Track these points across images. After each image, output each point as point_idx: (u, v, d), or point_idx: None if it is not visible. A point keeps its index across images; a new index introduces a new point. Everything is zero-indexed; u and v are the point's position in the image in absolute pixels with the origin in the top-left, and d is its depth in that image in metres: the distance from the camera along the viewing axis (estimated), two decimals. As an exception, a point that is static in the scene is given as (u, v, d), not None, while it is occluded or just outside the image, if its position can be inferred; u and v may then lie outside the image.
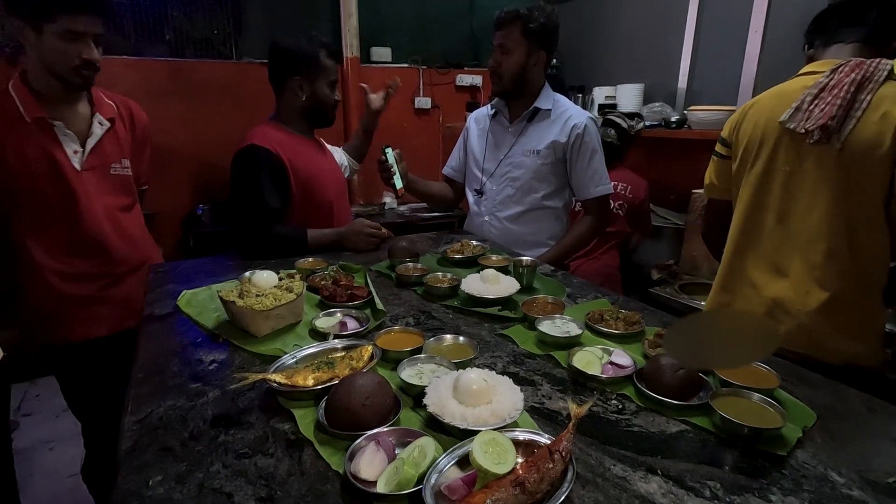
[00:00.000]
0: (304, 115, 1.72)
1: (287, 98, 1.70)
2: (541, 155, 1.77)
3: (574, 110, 1.80)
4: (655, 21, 3.12)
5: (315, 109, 1.71)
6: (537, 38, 1.69)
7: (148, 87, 3.18)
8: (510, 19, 1.69)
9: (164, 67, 3.22)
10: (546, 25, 1.69)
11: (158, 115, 3.25)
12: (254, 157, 1.57)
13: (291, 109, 1.71)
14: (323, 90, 1.68)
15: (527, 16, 1.67)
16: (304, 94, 1.67)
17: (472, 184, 1.95)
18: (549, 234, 1.85)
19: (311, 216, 1.70)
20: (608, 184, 1.80)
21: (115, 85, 3.11)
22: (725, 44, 2.71)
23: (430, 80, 3.79)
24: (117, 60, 3.11)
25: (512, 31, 1.70)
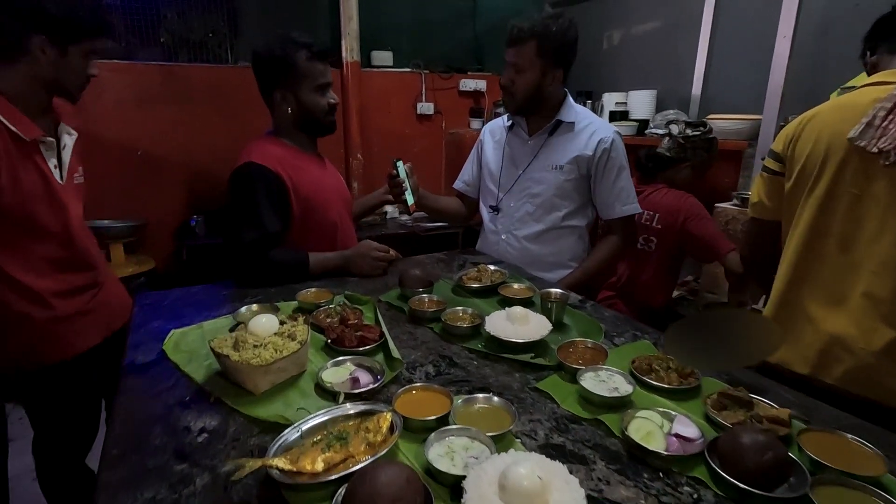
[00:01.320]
0: (299, 127, 1.57)
1: (278, 112, 1.55)
2: (564, 170, 1.62)
3: (599, 123, 1.65)
4: (667, 24, 2.98)
5: (307, 119, 1.55)
6: (554, 55, 1.54)
7: (139, 92, 3.02)
8: (524, 38, 1.54)
9: (156, 72, 3.05)
10: (563, 42, 1.54)
11: (151, 121, 3.09)
12: (251, 176, 1.42)
13: (285, 123, 1.56)
14: (309, 97, 1.51)
15: (542, 34, 1.52)
16: (289, 105, 1.51)
17: (488, 200, 1.80)
18: (570, 254, 1.70)
19: (313, 237, 1.55)
20: (635, 202, 1.65)
21: (104, 91, 2.95)
22: (747, 48, 2.57)
23: (433, 85, 3.64)
24: (106, 65, 2.93)
25: (525, 50, 1.55)
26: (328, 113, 1.57)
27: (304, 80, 1.50)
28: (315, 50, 1.50)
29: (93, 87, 2.74)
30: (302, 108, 1.52)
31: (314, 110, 1.53)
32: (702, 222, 1.90)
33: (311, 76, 1.50)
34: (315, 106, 1.53)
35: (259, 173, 1.43)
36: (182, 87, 3.12)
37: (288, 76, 1.49)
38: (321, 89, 1.53)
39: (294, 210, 1.49)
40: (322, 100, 1.54)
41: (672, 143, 1.92)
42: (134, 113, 3.04)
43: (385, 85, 3.50)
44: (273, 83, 1.51)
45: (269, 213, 1.42)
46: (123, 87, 3.00)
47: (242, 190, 1.43)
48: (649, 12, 3.07)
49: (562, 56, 1.55)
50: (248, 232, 1.40)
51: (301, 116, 1.53)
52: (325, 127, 1.59)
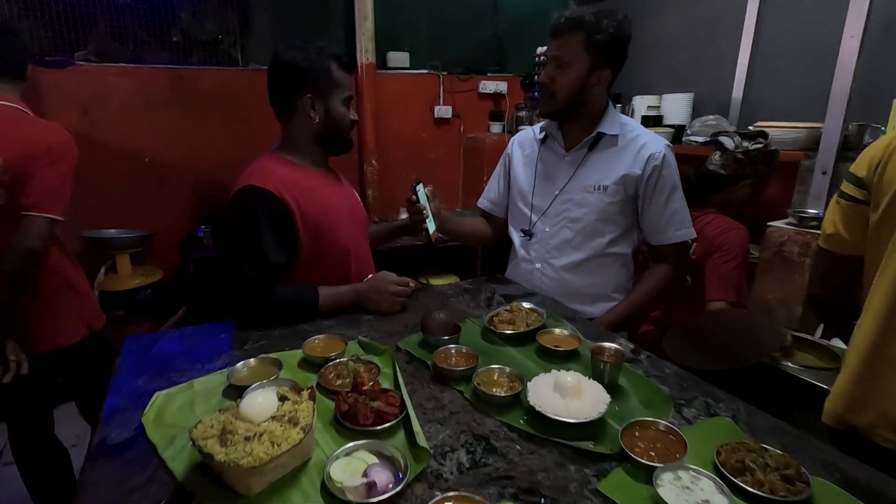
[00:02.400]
0: (318, 141, 1.40)
1: (297, 121, 1.36)
2: (608, 191, 1.41)
3: (648, 136, 1.43)
4: (705, 20, 2.74)
5: (331, 132, 1.39)
6: (604, 52, 1.33)
7: (146, 96, 2.86)
8: (571, 27, 1.32)
9: (163, 75, 2.89)
10: (617, 38, 1.32)
11: (158, 127, 2.93)
12: (252, 202, 1.24)
13: (302, 135, 1.38)
14: (339, 108, 1.37)
15: (593, 24, 1.30)
16: (317, 114, 1.34)
17: (518, 222, 1.59)
18: (614, 285, 1.49)
19: (324, 266, 1.36)
20: (689, 227, 1.44)
21: (109, 95, 2.80)
22: (799, 48, 2.32)
23: (451, 87, 3.43)
24: (112, 69, 2.78)
25: (572, 42, 1.33)
26: (350, 128, 1.43)
27: (335, 90, 1.36)
28: (344, 61, 1.39)
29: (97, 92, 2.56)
30: (330, 119, 1.37)
31: (341, 123, 1.39)
32: (724, 261, 1.64)
33: (343, 86, 1.38)
34: (343, 118, 1.39)
35: (260, 198, 1.24)
36: (191, 91, 2.95)
37: (321, 83, 1.34)
38: (347, 101, 1.40)
39: (301, 238, 1.30)
40: (347, 113, 1.40)
41: (727, 159, 1.68)
42: (140, 118, 2.88)
43: (401, 87, 3.29)
44: (299, 88, 1.34)
45: (273, 243, 1.24)
46: (130, 91, 2.84)
47: (241, 218, 1.25)
48: (684, 8, 2.82)
49: (612, 54, 1.34)
50: (248, 266, 1.22)
51: (326, 128, 1.38)
52: (346, 143, 1.44)
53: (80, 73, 2.73)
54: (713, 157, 1.72)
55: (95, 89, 2.77)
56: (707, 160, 1.77)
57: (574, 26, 1.32)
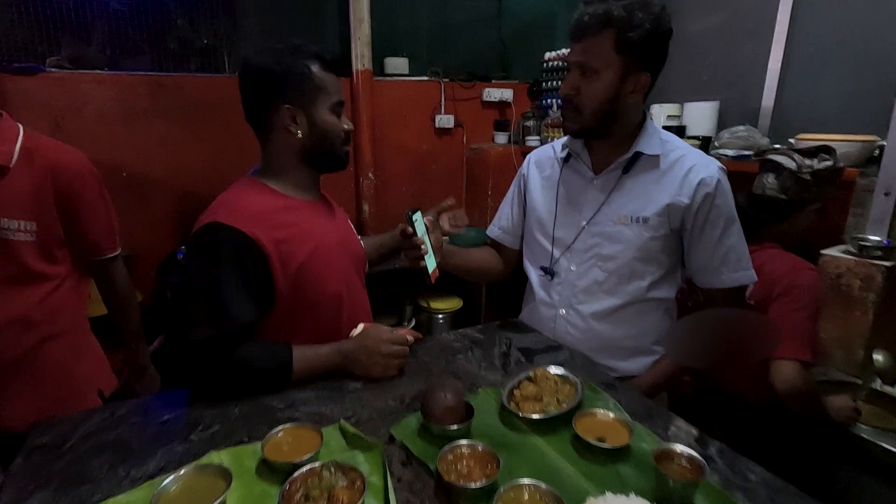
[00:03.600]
0: (305, 159, 1.12)
1: (277, 139, 1.10)
2: (649, 224, 1.13)
3: (696, 157, 1.16)
4: (730, 22, 2.46)
5: (319, 147, 1.11)
6: (639, 52, 1.05)
7: (124, 106, 2.58)
8: (597, 25, 1.05)
9: (143, 83, 2.61)
10: (655, 33, 1.05)
11: (137, 139, 2.64)
12: (215, 244, 0.97)
13: (285, 154, 1.12)
14: (325, 117, 1.10)
15: (624, 19, 1.03)
16: (299, 127, 1.07)
17: (536, 258, 1.31)
18: (655, 336, 1.21)
19: (307, 316, 1.09)
20: (749, 268, 1.15)
21: (83, 105, 2.52)
22: (841, 52, 2.05)
23: (453, 95, 3.15)
24: (86, 76, 2.51)
25: (599, 42, 1.05)
26: (344, 141, 1.14)
27: (319, 96, 1.08)
28: (330, 58, 1.09)
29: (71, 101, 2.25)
30: (316, 132, 1.10)
31: (331, 134, 1.11)
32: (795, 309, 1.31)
33: (328, 90, 1.09)
34: (333, 129, 1.11)
35: (227, 240, 0.97)
36: (173, 99, 2.68)
37: (299, 90, 1.07)
38: (337, 108, 1.12)
39: (279, 286, 1.02)
40: (338, 122, 1.12)
41: (787, 181, 1.37)
42: (118, 130, 2.60)
43: (400, 95, 3.02)
44: (274, 99, 1.07)
45: (239, 297, 0.97)
46: (106, 100, 2.57)
47: (201, 264, 0.97)
48: (708, 8, 2.55)
49: (649, 54, 1.07)
50: (204, 326, 0.94)
51: (314, 143, 1.11)
52: (338, 158, 1.15)
53: (51, 81, 2.46)
54: (766, 180, 1.43)
55: (69, 98, 2.50)
56: (755, 183, 1.47)
57: (601, 24, 1.04)
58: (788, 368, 1.25)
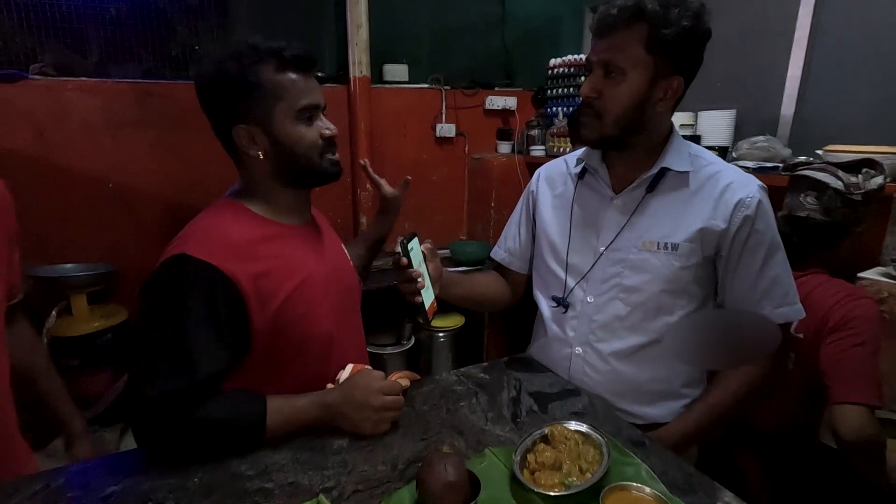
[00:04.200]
0: (281, 180, 0.97)
1: (244, 161, 0.94)
2: (679, 252, 0.98)
3: (732, 174, 1.01)
4: (748, 27, 2.32)
5: (289, 165, 0.95)
6: (674, 54, 0.91)
7: (110, 114, 2.44)
8: (628, 19, 0.90)
9: (131, 90, 2.47)
10: (693, 32, 0.90)
11: (124, 148, 2.49)
12: (183, 282, 0.83)
13: (258, 176, 0.97)
14: (287, 129, 0.93)
15: (659, 14, 0.88)
16: (259, 147, 0.91)
17: (548, 286, 1.16)
18: (684, 378, 1.06)
19: (289, 359, 0.94)
20: (796, 303, 1.00)
21: (68, 113, 2.38)
22: (872, 58, 1.90)
23: (455, 103, 3.01)
24: (71, 83, 2.37)
25: (629, 39, 0.91)
26: (324, 149, 0.96)
27: (276, 104, 0.90)
28: (288, 55, 0.90)
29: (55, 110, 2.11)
30: (280, 149, 0.93)
31: (300, 147, 0.93)
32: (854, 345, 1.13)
33: (287, 96, 0.92)
34: (299, 141, 0.93)
35: (196, 277, 0.83)
36: (162, 107, 2.54)
37: (249, 103, 0.89)
38: (305, 115, 0.93)
39: (256, 329, 0.87)
40: (309, 130, 0.94)
41: (834, 202, 1.20)
42: (104, 139, 2.47)
43: (399, 103, 2.88)
44: (227, 117, 0.91)
45: (207, 343, 0.82)
46: (92, 108, 2.44)
47: (165, 303, 0.82)
48: (723, 12, 2.40)
49: (685, 56, 0.93)
50: (165, 376, 0.79)
51: (280, 162, 0.94)
52: (321, 173, 0.98)
53: (34, 88, 2.32)
54: (805, 201, 1.26)
55: (52, 106, 2.36)
56: (789, 202, 1.31)
57: (632, 17, 0.90)
58: (855, 414, 1.08)
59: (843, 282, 1.24)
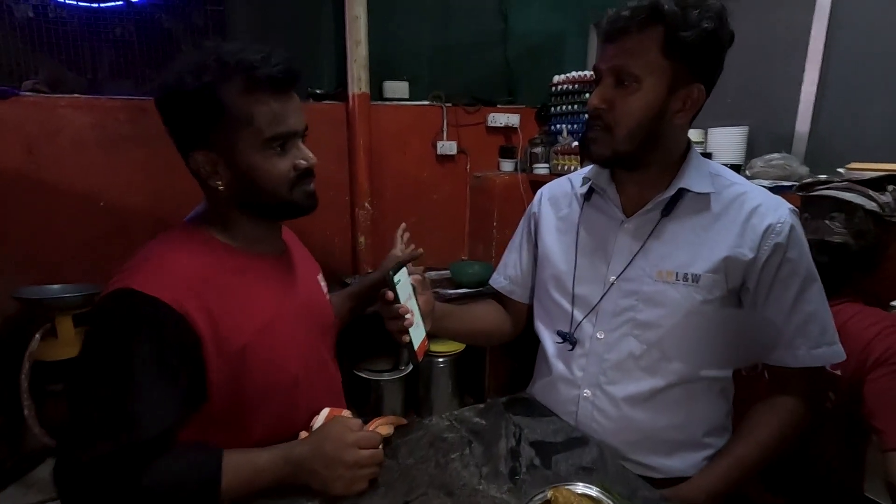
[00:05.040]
0: (246, 211, 0.85)
1: (205, 187, 0.83)
2: (701, 284, 0.86)
3: (758, 195, 0.90)
4: (760, 42, 2.22)
5: (255, 198, 0.82)
6: (694, 59, 0.81)
7: (102, 131, 2.37)
8: (642, 21, 0.80)
9: (124, 107, 2.40)
10: (716, 37, 0.81)
11: (115, 166, 2.40)
12: (127, 322, 0.71)
13: (220, 205, 0.85)
14: (253, 160, 0.79)
15: (677, 15, 0.78)
16: (219, 177, 0.79)
17: (552, 320, 1.04)
18: (707, 425, 0.93)
19: (252, 407, 0.82)
20: (835, 342, 0.87)
21: (59, 130, 2.30)
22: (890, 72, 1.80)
23: (456, 121, 2.93)
24: (63, 100, 2.30)
25: (644, 43, 0.81)
26: (296, 183, 0.83)
27: (240, 131, 0.77)
28: (262, 74, 0.76)
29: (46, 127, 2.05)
30: (242, 183, 0.80)
31: (264, 183, 0.80)
32: None
33: (256, 122, 0.77)
34: (265, 174, 0.80)
35: (142, 316, 0.71)
36: (156, 125, 2.39)
37: (210, 127, 0.77)
38: (276, 143, 0.79)
39: (213, 376, 0.75)
40: (280, 162, 0.80)
41: (864, 224, 1.05)
42: (96, 156, 2.39)
43: (399, 120, 2.80)
44: (186, 140, 0.80)
45: (155, 396, 0.70)
46: (84, 125, 2.36)
47: (106, 347, 0.71)
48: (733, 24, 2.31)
49: (706, 62, 0.83)
50: (105, 436, 0.67)
51: (242, 195, 0.81)
52: (291, 207, 0.85)
53: (25, 105, 2.26)
54: (830, 224, 1.14)
55: (43, 123, 2.29)
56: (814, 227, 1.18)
57: (648, 19, 0.79)
58: None
59: (880, 311, 1.10)
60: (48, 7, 2.38)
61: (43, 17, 2.35)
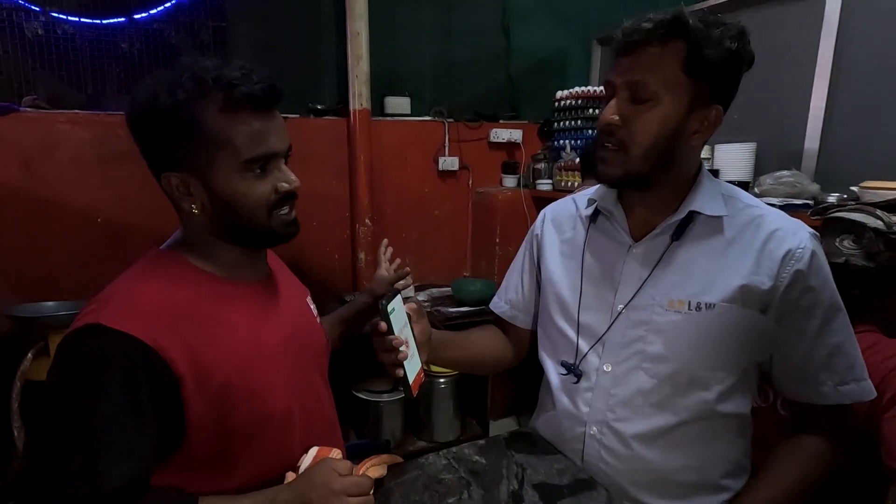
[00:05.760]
0: (221, 238, 0.80)
1: (179, 210, 0.77)
2: (716, 313, 0.80)
3: (776, 219, 0.84)
4: (767, 57, 2.17)
5: (233, 222, 0.77)
6: (715, 79, 0.76)
7: (101, 147, 2.34)
8: (663, 35, 0.75)
9: (123, 123, 2.30)
10: (739, 56, 0.77)
11: (113, 182, 2.36)
12: (96, 360, 0.66)
13: (196, 230, 0.80)
14: (229, 184, 0.74)
15: (700, 32, 0.74)
16: (193, 200, 0.74)
17: (556, 349, 0.97)
18: (725, 466, 0.86)
19: (238, 447, 0.76)
20: (864, 378, 0.81)
21: (57, 146, 2.28)
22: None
23: (458, 136, 2.89)
24: (62, 116, 2.28)
25: (664, 57, 0.76)
26: (276, 206, 0.77)
27: (217, 153, 0.73)
28: (240, 93, 0.71)
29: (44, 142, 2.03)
30: (217, 206, 0.75)
31: (241, 208, 0.75)
32: None
33: (234, 144, 0.72)
34: (243, 198, 0.75)
35: (113, 354, 0.66)
36: (155, 141, 2.42)
37: (185, 147, 0.72)
38: (256, 166, 0.74)
39: (193, 415, 0.69)
40: (259, 185, 0.75)
41: (875, 245, 1.00)
42: (93, 172, 2.37)
43: (400, 136, 2.77)
44: (160, 160, 0.75)
45: (125, 440, 0.65)
46: (82, 141, 2.34)
47: (72, 388, 0.66)
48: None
49: (726, 82, 0.78)
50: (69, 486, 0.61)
51: (219, 220, 0.77)
52: (269, 234, 0.79)
53: (23, 121, 2.24)
54: (842, 245, 1.07)
55: (42, 139, 2.27)
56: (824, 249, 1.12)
57: (669, 33, 0.74)
58: None
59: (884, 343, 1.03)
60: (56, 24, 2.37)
61: (52, 34, 2.35)
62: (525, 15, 2.93)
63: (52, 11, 2.35)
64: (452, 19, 2.83)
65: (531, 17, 2.95)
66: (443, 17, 2.81)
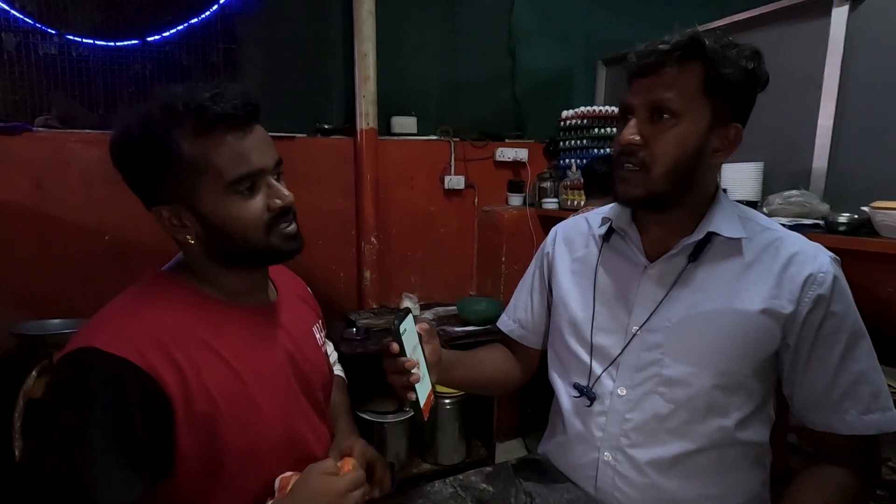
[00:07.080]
0: (222, 262, 0.78)
1: (177, 242, 0.76)
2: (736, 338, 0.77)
3: (795, 241, 0.82)
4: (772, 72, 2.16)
5: (229, 245, 0.75)
6: (734, 97, 0.77)
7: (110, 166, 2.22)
8: (680, 55, 0.75)
9: (133, 143, 2.38)
10: (755, 76, 0.78)
11: (121, 200, 2.34)
12: (87, 385, 0.64)
13: (195, 258, 0.78)
14: (223, 207, 0.72)
15: (717, 52, 0.74)
16: (187, 230, 0.73)
17: (567, 371, 0.95)
18: (743, 496, 0.83)
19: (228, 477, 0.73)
20: (889, 409, 0.77)
21: (67, 165, 2.30)
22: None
23: (464, 155, 2.90)
24: (72, 135, 2.31)
25: (683, 77, 0.76)
26: (273, 223, 0.75)
27: (200, 179, 0.71)
28: (213, 114, 0.69)
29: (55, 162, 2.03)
30: (211, 233, 0.73)
31: (234, 230, 0.73)
32: None
33: (215, 167, 0.70)
34: (235, 221, 0.73)
35: (104, 378, 0.64)
36: (164, 159, 2.43)
37: (167, 180, 0.71)
38: (243, 185, 0.72)
39: (183, 444, 0.67)
40: (250, 204, 0.73)
41: None
42: (102, 190, 2.38)
43: (407, 155, 2.78)
44: (147, 196, 0.75)
45: (114, 469, 0.62)
46: (91, 160, 2.36)
47: (61, 414, 0.63)
48: (743, 64, 2.28)
49: (744, 101, 0.79)
50: None
51: (215, 245, 0.75)
52: (271, 252, 0.77)
53: (35, 141, 2.26)
54: None
55: (53, 158, 2.29)
56: None
57: (686, 53, 0.74)
58: None
59: None
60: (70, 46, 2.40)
61: (67, 56, 2.38)
62: (530, 36, 2.96)
63: (68, 34, 2.38)
64: (458, 40, 2.86)
65: (536, 38, 2.98)
66: (449, 39, 2.84)
